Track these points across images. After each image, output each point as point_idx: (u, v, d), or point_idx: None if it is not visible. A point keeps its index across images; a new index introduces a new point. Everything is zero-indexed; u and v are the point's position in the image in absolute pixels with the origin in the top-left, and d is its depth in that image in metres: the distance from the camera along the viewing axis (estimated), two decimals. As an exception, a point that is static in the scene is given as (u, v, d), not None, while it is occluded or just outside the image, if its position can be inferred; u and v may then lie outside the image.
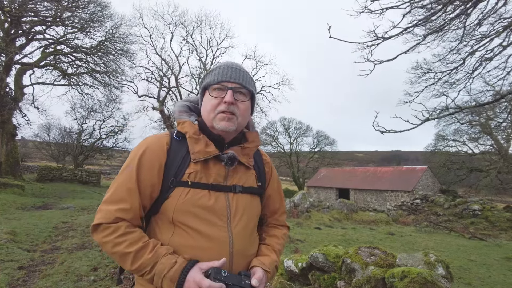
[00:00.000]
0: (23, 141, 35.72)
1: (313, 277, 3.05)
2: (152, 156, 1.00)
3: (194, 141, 1.03)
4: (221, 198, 1.02)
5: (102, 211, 0.94)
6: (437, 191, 26.31)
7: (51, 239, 5.50)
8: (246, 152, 1.12)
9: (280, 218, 1.29)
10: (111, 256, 0.96)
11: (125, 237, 0.91)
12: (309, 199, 12.11)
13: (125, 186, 0.96)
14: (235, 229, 1.01)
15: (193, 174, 1.00)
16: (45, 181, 18.88)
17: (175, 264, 0.89)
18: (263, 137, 39.33)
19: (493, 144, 21.69)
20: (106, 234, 0.91)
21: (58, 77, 18.24)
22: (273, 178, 1.26)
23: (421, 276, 2.21)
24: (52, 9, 15.97)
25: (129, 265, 0.91)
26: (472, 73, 5.67)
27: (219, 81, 1.04)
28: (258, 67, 27.57)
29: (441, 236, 9.09)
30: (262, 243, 1.18)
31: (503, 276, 4.81)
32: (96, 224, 0.93)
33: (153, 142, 1.04)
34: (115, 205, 0.94)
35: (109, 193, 0.97)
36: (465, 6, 4.68)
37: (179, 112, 1.13)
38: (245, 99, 1.08)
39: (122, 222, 0.93)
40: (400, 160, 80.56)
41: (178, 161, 1.02)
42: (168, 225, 0.99)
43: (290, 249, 6.05)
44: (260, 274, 1.00)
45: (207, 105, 1.06)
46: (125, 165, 1.01)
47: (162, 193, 1.00)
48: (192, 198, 0.98)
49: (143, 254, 0.90)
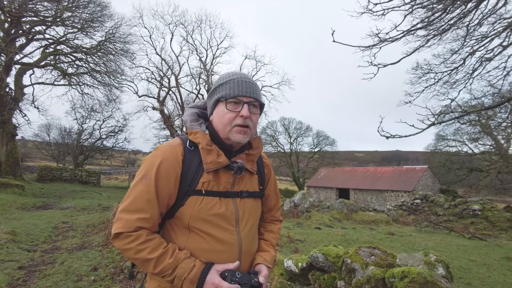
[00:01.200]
0: (23, 141, 35.75)
1: (313, 277, 3.05)
2: (169, 167, 1.05)
3: (207, 152, 1.09)
4: (230, 204, 1.11)
5: (122, 220, 1.00)
6: (437, 191, 26.32)
7: (51, 239, 5.50)
8: (251, 158, 1.20)
9: (276, 214, 1.41)
10: (132, 261, 1.04)
11: (146, 244, 0.98)
12: (309, 199, 12.11)
13: (145, 196, 1.01)
14: (243, 231, 1.12)
15: (206, 183, 1.07)
16: (45, 181, 18.89)
17: (193, 267, 0.99)
18: (263, 137, 39.35)
19: (493, 144, 21.69)
20: (128, 241, 0.98)
21: (58, 77, 18.24)
22: (271, 179, 1.36)
23: (421, 276, 2.21)
24: (52, 9, 15.96)
25: (151, 269, 0.98)
26: (472, 73, 5.67)
27: (235, 96, 1.09)
28: (258, 67, 27.59)
29: (441, 236, 9.08)
30: (261, 238, 1.30)
31: (503, 276, 4.81)
32: (118, 233, 0.99)
33: (168, 152, 1.08)
34: (135, 214, 1.00)
35: (128, 202, 1.02)
36: (465, 6, 4.68)
37: (191, 122, 1.18)
38: (257, 112, 1.15)
39: (143, 231, 1.00)
40: (400, 160, 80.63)
41: (192, 171, 1.08)
42: (183, 230, 1.08)
43: (290, 249, 6.05)
44: (266, 272, 1.12)
45: (223, 118, 1.10)
46: (142, 174, 1.05)
47: (177, 201, 1.08)
48: (206, 206, 1.05)
49: (164, 259, 0.98)
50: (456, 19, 4.79)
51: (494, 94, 7.91)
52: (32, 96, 17.96)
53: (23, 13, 15.07)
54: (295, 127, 40.16)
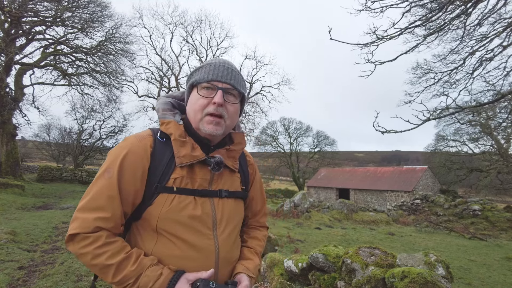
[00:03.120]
0: (23, 141, 35.75)
1: (313, 277, 3.05)
2: (134, 160, 0.92)
3: (180, 144, 0.96)
4: (206, 204, 0.98)
5: (79, 220, 0.86)
6: (437, 191, 26.33)
7: (51, 239, 5.50)
8: (232, 154, 1.07)
9: (261, 220, 1.26)
10: (89, 268, 0.88)
11: (106, 247, 0.84)
12: (309, 199, 12.11)
13: (105, 193, 0.88)
14: (221, 236, 0.98)
15: (179, 180, 0.95)
16: (45, 181, 18.89)
17: (160, 275, 0.85)
18: (263, 137, 39.39)
19: (493, 144, 21.68)
20: (84, 244, 0.84)
21: (58, 77, 18.23)
22: (256, 180, 1.23)
23: (421, 276, 2.21)
24: (52, 9, 15.96)
25: (110, 278, 0.84)
26: (472, 73, 5.67)
27: (209, 80, 0.97)
28: (258, 67, 27.58)
29: (441, 236, 9.08)
30: (244, 245, 1.15)
31: (503, 276, 4.81)
32: (73, 234, 0.85)
33: (135, 144, 0.95)
34: (93, 213, 0.86)
35: (86, 200, 0.88)
36: (465, 6, 4.68)
37: (163, 111, 1.05)
38: (235, 101, 1.02)
39: (102, 232, 0.86)
40: (400, 160, 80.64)
41: (162, 165, 0.95)
42: (151, 233, 0.94)
43: (290, 249, 6.05)
44: (247, 282, 0.97)
45: (195, 104, 0.99)
46: (104, 168, 0.92)
47: (145, 199, 0.94)
48: (177, 206, 0.92)
49: (126, 266, 0.85)
50: (453, 16, 4.79)
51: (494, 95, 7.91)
52: (32, 96, 17.96)
53: (23, 13, 15.07)
54: (295, 127, 40.22)
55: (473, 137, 23.49)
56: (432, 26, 5.16)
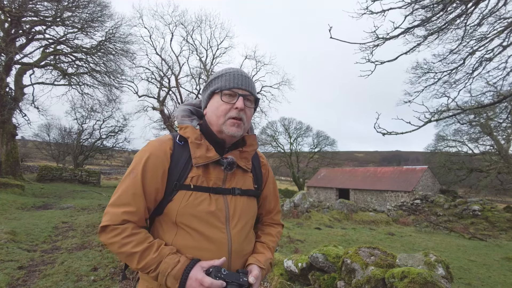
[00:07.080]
0: (23, 141, 35.73)
1: (313, 277, 3.05)
2: (156, 161, 1.05)
3: (196, 146, 1.08)
4: (220, 200, 1.08)
5: (109, 214, 1.00)
6: (437, 192, 26.32)
7: (51, 239, 5.50)
8: (245, 155, 1.18)
9: (275, 217, 1.36)
10: (117, 255, 1.02)
11: (132, 238, 0.97)
12: (309, 199, 12.11)
13: (131, 191, 1.01)
14: (233, 230, 1.08)
15: (195, 178, 1.06)
16: (45, 181, 18.88)
17: (178, 263, 0.96)
18: (263, 137, 39.36)
19: (493, 144, 21.68)
20: (114, 235, 0.97)
21: (58, 77, 18.22)
22: (269, 180, 1.32)
23: (421, 277, 2.21)
24: (52, 9, 15.95)
25: (135, 264, 0.97)
26: (472, 73, 5.67)
27: (231, 88, 1.09)
28: (258, 67, 27.58)
29: (441, 236, 9.08)
30: (257, 240, 1.25)
31: (503, 276, 4.81)
32: (104, 226, 0.98)
33: (157, 147, 1.08)
34: (121, 208, 0.99)
35: (115, 197, 1.02)
36: (466, 6, 4.68)
37: (182, 117, 1.18)
38: (251, 106, 1.15)
39: (129, 224, 0.99)
40: (400, 160, 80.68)
41: (181, 166, 1.07)
42: (171, 226, 1.05)
43: (290, 249, 6.05)
44: (257, 272, 1.07)
45: (218, 110, 1.09)
46: (130, 169, 1.06)
47: (166, 196, 1.06)
48: (194, 202, 1.04)
49: (149, 254, 0.96)
50: (454, 16, 4.79)
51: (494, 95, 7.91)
52: (32, 96, 17.96)
53: (23, 13, 15.07)
54: (295, 127, 40.18)
55: (473, 137, 23.50)
56: (432, 26, 5.16)
